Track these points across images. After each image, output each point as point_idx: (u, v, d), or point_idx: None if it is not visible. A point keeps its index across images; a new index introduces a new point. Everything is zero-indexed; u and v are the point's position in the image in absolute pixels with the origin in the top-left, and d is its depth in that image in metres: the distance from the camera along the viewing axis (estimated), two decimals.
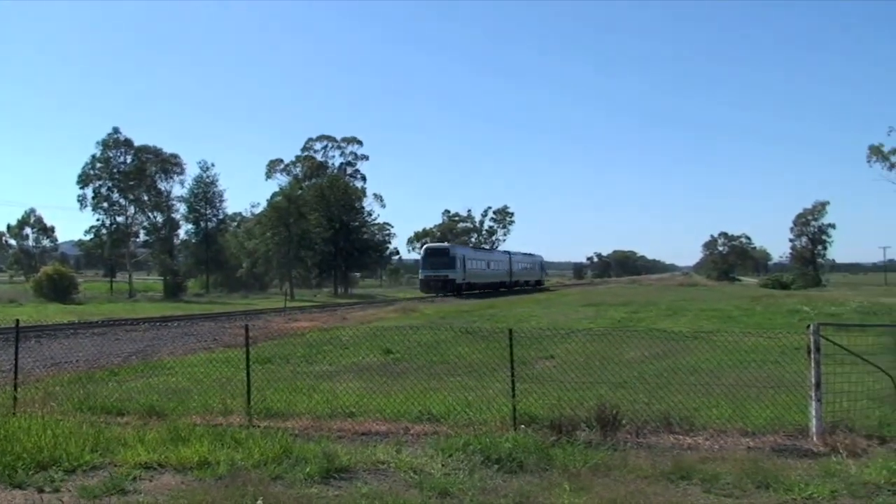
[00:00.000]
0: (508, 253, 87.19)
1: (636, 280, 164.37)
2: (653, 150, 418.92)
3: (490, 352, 14.99)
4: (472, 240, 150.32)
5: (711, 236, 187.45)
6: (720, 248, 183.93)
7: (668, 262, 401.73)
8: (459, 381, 12.71)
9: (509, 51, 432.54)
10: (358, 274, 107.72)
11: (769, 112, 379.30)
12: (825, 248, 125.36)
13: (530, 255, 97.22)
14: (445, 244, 75.13)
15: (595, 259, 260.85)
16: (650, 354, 15.03)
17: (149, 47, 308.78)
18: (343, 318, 35.58)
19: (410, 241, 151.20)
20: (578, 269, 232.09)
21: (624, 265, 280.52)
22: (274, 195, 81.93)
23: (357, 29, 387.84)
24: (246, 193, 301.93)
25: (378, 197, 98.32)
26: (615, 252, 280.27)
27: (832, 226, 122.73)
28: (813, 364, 8.96)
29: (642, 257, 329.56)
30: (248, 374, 10.90)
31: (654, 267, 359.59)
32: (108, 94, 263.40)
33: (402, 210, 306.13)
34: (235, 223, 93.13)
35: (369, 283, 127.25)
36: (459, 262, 65.61)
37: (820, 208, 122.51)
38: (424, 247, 71.86)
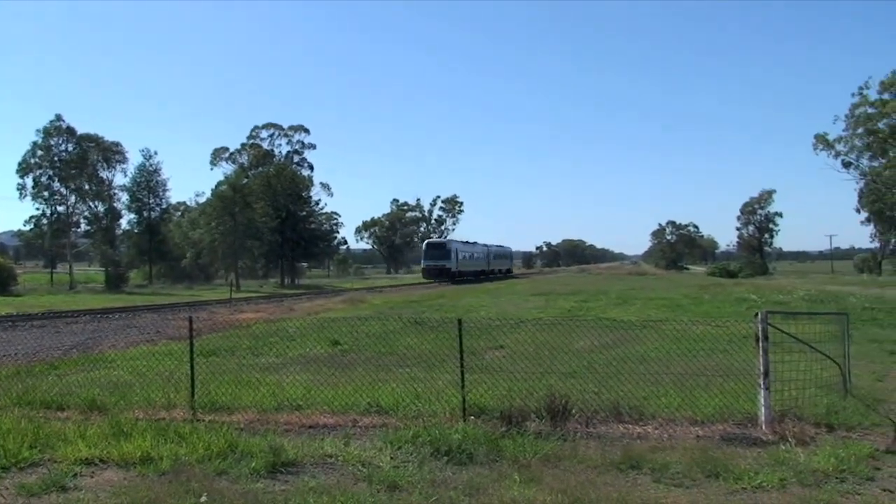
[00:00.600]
0: (487, 245, 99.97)
1: (585, 269, 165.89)
2: (601, 138, 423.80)
3: (439, 342, 14.96)
4: (421, 229, 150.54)
5: (659, 225, 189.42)
6: (668, 237, 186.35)
7: (616, 251, 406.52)
8: (408, 373, 12.65)
9: (458, 38, 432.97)
10: (305, 264, 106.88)
11: (717, 99, 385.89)
12: (772, 237, 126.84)
13: (502, 246, 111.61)
14: (443, 239, 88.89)
15: (544, 248, 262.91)
16: (600, 344, 15.12)
17: (92, 33, 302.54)
18: (290, 309, 35.30)
19: (358, 231, 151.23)
20: (528, 259, 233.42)
21: (573, 254, 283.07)
22: (219, 184, 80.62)
23: (305, 15, 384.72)
24: (190, 182, 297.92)
25: (325, 186, 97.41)
26: (564, 241, 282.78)
27: (779, 214, 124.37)
28: (761, 352, 9.07)
29: (591, 246, 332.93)
30: (191, 366, 10.72)
31: (604, 256, 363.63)
32: (49, 81, 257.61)
33: (350, 199, 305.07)
34: (179, 213, 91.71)
35: (317, 274, 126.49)
36: (453, 255, 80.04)
37: (766, 197, 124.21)
38: (426, 241, 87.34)
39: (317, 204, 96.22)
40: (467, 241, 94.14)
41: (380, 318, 22.89)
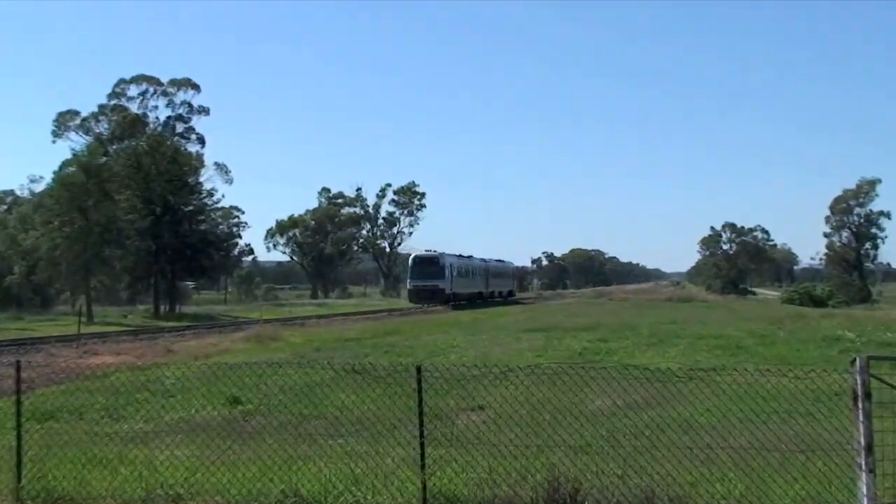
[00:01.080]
0: (484, 260, 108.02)
1: (605, 293, 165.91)
2: (626, 117, 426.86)
3: (388, 401, 14.89)
4: (364, 231, 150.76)
5: (713, 229, 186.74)
6: (725, 246, 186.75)
7: (650, 266, 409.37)
8: (343, 446, 12.65)
9: None
10: (191, 283, 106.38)
11: (785, 71, 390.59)
12: (875, 247, 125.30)
13: (502, 261, 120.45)
14: (435, 252, 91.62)
15: (544, 262, 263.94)
16: (625, 404, 15.11)
17: None
18: (167, 350, 35.01)
19: (271, 235, 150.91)
20: (520, 277, 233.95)
21: (586, 271, 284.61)
22: (64, 164, 79.93)
23: None
24: (20, 163, 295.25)
25: (222, 168, 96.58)
26: (573, 252, 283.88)
27: (885, 214, 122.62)
28: (861, 417, 9.04)
29: (613, 259, 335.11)
30: (18, 436, 10.61)
31: (631, 274, 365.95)
32: None
33: (260, 191, 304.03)
34: (4, 207, 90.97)
35: (208, 298, 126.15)
36: (448, 272, 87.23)
37: (867, 189, 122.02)
38: (413, 255, 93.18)
39: (209, 195, 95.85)
40: (461, 255, 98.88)
41: (301, 364, 22.71)
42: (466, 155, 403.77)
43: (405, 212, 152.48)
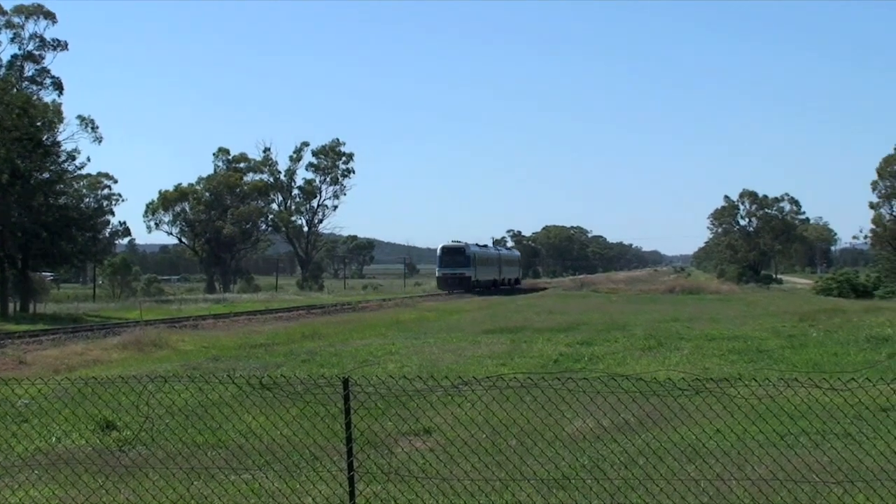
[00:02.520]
0: (498, 249, 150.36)
1: (588, 282, 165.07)
2: (611, 60, 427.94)
3: (308, 423, 14.89)
4: (275, 205, 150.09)
5: (727, 200, 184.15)
6: (743, 222, 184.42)
7: (646, 248, 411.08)
8: (249, 482, 12.70)
9: None
10: (49, 275, 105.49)
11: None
12: None
13: (510, 250, 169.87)
14: (461, 243, 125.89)
15: (509, 242, 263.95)
16: (613, 425, 15.20)
17: None
18: (19, 360, 34.66)
19: (152, 211, 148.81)
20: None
21: (564, 254, 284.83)
22: None
23: None
24: None
25: (88, 123, 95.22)
26: (547, 230, 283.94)
27: None
28: None
29: (599, 240, 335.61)
30: None
31: (622, 258, 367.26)
32: None
33: (137, 153, 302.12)
34: None
35: (72, 293, 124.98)
36: (472, 261, 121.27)
37: None
38: (441, 246, 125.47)
39: (71, 158, 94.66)
40: (480, 244, 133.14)
41: (194, 377, 22.63)
42: (406, 108, 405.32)
43: (327, 179, 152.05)
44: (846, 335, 35.44)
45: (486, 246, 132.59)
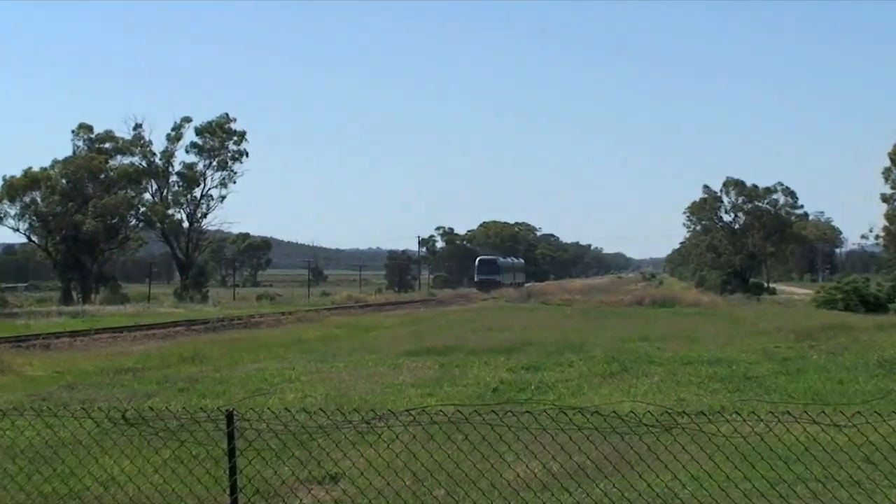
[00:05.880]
0: (512, 260, 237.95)
1: (536, 291, 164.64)
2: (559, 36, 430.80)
3: (184, 469, 14.75)
4: (148, 195, 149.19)
5: (707, 190, 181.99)
6: (727, 218, 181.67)
7: (609, 250, 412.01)
8: None
9: None
10: None
11: None
12: None
13: (517, 259, 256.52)
14: (494, 256, 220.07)
15: (439, 243, 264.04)
16: (563, 470, 15.12)
17: None
18: None
19: None
20: (400, 267, 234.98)
21: (508, 255, 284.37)
22: None
23: None
24: None
25: None
26: (486, 227, 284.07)
27: None
28: None
29: (550, 240, 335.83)
30: None
31: (580, 262, 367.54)
32: None
33: None
34: None
35: None
36: (503, 269, 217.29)
37: None
38: (479, 259, 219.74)
39: None
40: (502, 257, 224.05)
41: (42, 410, 22.37)
42: (311, 90, 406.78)
43: (213, 163, 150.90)
44: (853, 358, 35.59)
45: (506, 258, 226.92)
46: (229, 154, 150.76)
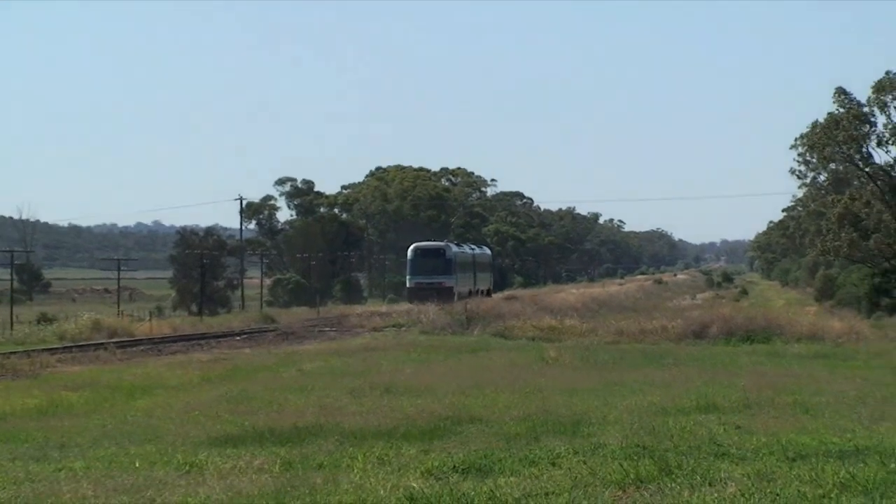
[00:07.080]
0: (472, 249, 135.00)
1: (488, 310, 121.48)
2: None
3: None
4: None
5: (842, 97, 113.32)
6: (883, 156, 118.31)
7: (635, 225, 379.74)
8: None
9: None
10: None
11: None
12: None
13: (482, 247, 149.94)
14: (440, 243, 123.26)
15: (281, 212, 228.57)
16: None
17: None
18: None
19: None
20: (202, 262, 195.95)
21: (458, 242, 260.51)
22: None
23: None
24: None
25: None
26: (378, 178, 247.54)
27: None
28: None
29: (529, 208, 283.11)
30: None
31: (577, 247, 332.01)
32: None
33: None
34: None
35: None
36: (456, 265, 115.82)
37: None
38: (413, 246, 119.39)
39: None
40: (457, 243, 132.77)
41: None
42: None
43: None
44: None
45: (462, 246, 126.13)
46: None
